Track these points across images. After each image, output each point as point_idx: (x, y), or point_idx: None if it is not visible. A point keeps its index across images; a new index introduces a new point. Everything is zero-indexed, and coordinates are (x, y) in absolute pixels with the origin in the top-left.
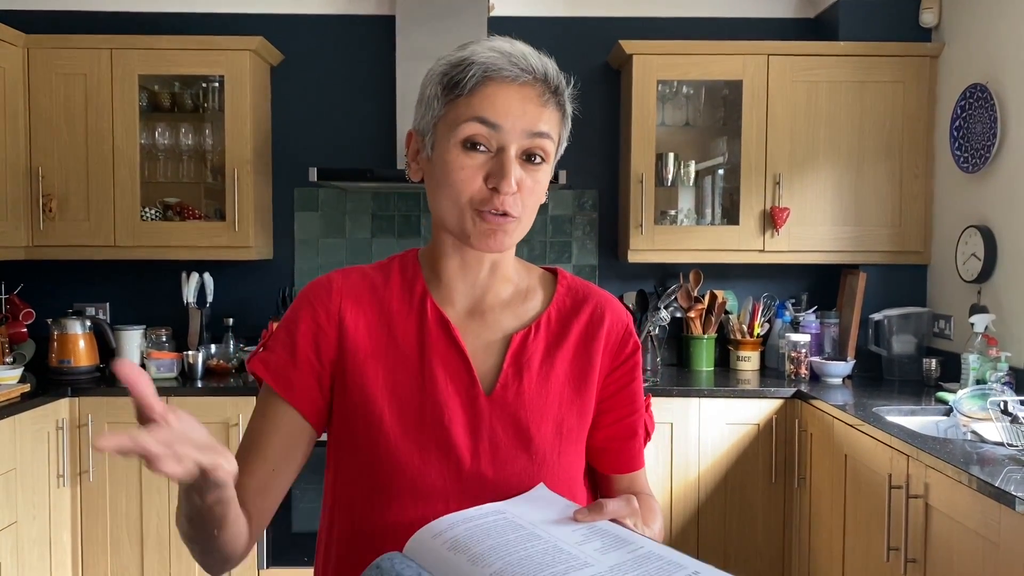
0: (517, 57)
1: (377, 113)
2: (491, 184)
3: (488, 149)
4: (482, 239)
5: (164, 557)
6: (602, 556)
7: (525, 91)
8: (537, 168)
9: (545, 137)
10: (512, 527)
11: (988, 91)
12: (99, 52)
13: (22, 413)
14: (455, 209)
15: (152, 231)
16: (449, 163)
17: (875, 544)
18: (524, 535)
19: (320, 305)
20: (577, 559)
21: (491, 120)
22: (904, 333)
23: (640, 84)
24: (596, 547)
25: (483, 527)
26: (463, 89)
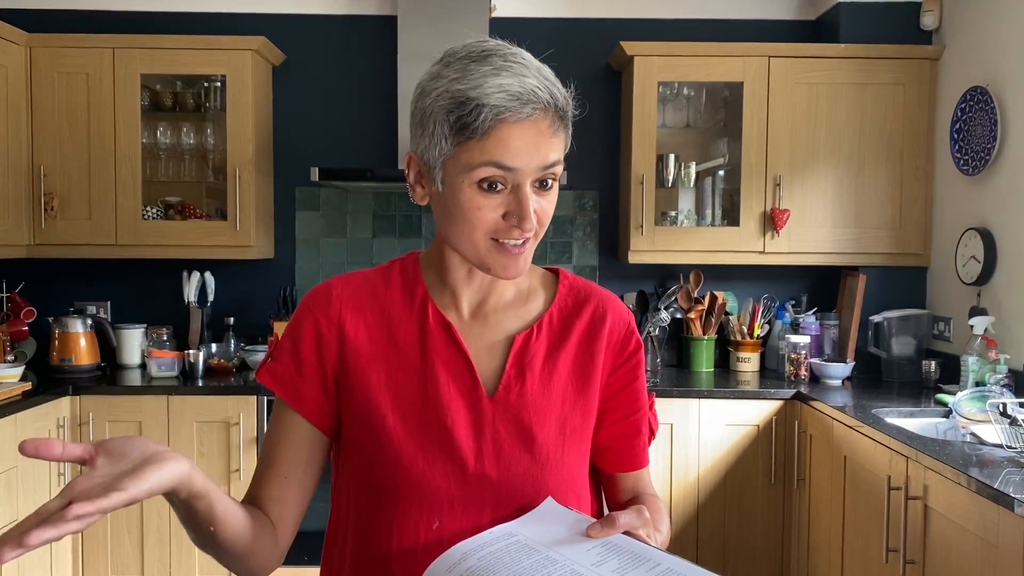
0: (527, 95)
1: (378, 113)
2: (511, 222)
3: (503, 187)
4: (502, 270)
5: (164, 554)
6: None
7: (537, 127)
8: (548, 192)
9: (556, 165)
10: (526, 551)
11: (988, 94)
12: (101, 51)
13: (23, 411)
14: (472, 243)
15: (153, 230)
16: (464, 203)
17: (874, 545)
18: (539, 560)
19: (321, 313)
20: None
21: (507, 164)
22: (904, 335)
23: (641, 85)
24: (613, 568)
25: (496, 554)
26: (475, 133)
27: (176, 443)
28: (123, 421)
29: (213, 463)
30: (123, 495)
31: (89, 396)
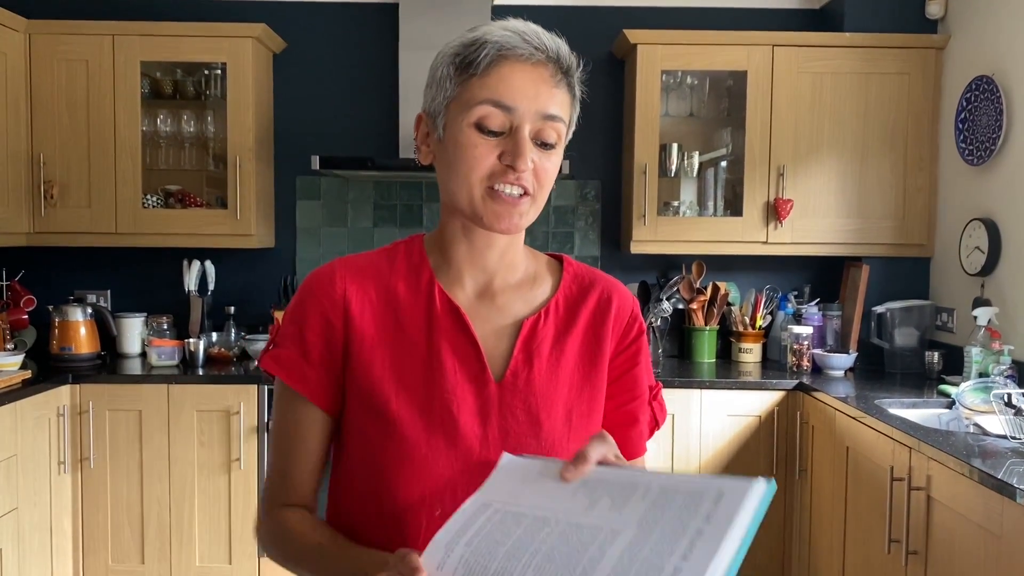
0: (531, 36)
1: (379, 102)
2: (506, 161)
3: (502, 130)
4: (495, 220)
5: (164, 544)
6: (621, 515)
7: (538, 71)
8: (549, 152)
9: (557, 120)
10: (511, 519)
11: (994, 83)
12: (101, 38)
13: (23, 400)
14: (467, 187)
15: (154, 218)
16: (462, 143)
17: (876, 536)
18: (530, 525)
19: (324, 295)
20: (602, 530)
21: (505, 103)
22: (907, 326)
23: (644, 74)
24: (608, 506)
25: (482, 534)
26: (476, 68)
27: (176, 432)
28: (123, 410)
29: (213, 452)
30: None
31: (89, 385)
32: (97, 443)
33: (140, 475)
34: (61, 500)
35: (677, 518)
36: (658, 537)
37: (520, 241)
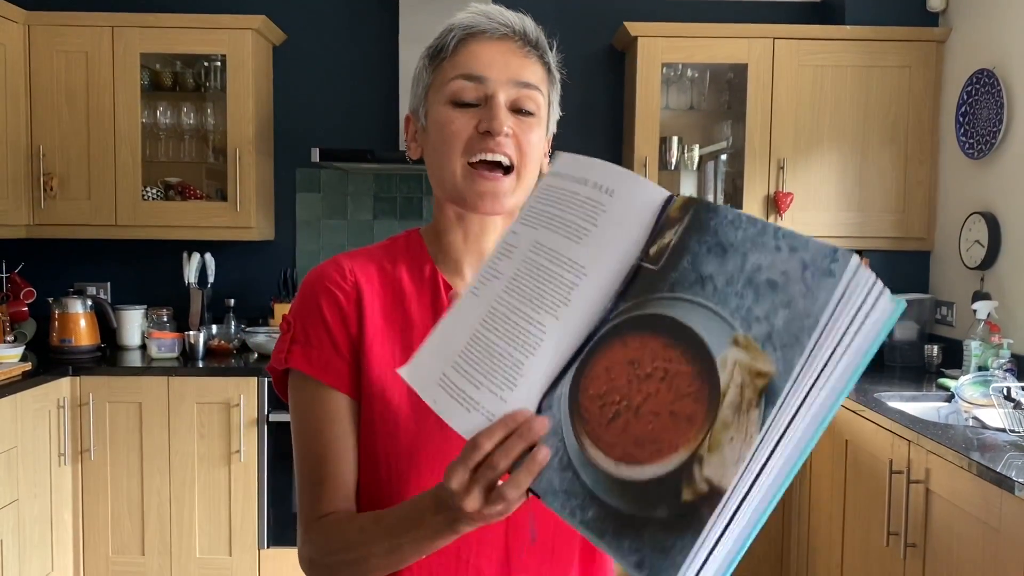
0: (494, 13)
1: (379, 94)
2: (483, 128)
3: (477, 103)
4: (478, 200)
5: (165, 535)
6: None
7: (506, 44)
8: (528, 121)
9: (532, 88)
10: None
11: (995, 77)
12: (100, 30)
13: (23, 392)
14: (449, 165)
15: (153, 211)
16: (440, 121)
17: (875, 529)
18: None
19: (337, 289)
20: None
21: (475, 73)
22: (906, 319)
23: (644, 67)
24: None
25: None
26: (446, 51)
27: (176, 424)
28: (123, 402)
29: (213, 444)
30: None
31: (89, 377)
32: (97, 435)
33: (140, 467)
34: (61, 492)
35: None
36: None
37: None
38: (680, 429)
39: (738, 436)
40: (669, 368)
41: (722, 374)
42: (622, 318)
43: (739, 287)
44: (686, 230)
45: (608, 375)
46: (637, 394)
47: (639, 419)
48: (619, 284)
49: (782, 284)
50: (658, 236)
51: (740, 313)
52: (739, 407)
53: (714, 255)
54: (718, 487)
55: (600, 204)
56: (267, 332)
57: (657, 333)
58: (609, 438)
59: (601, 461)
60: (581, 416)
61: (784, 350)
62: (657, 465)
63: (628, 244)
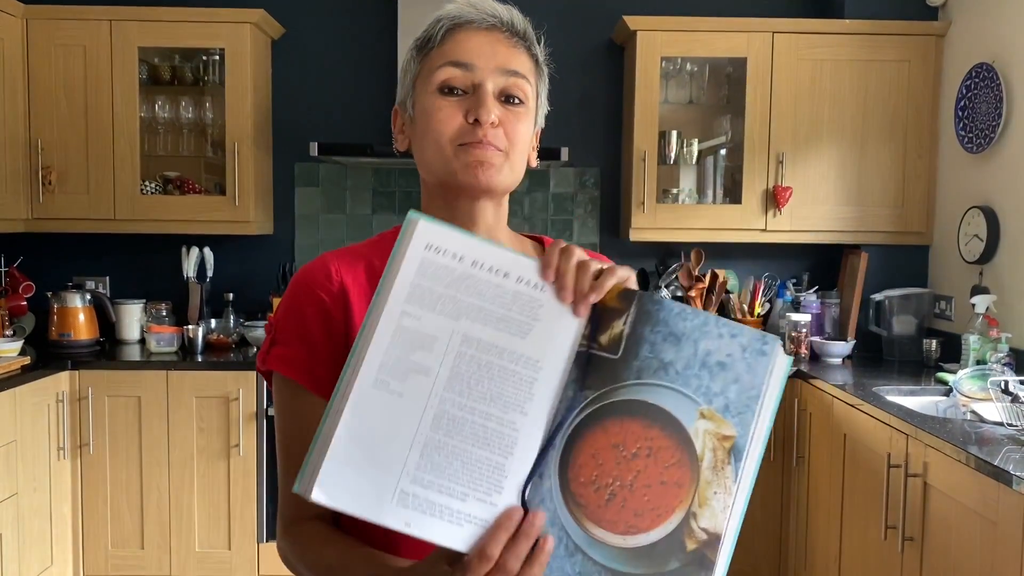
0: (481, 4)
1: (378, 88)
2: (471, 117)
3: (465, 91)
4: (468, 172)
5: (164, 529)
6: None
7: (493, 35)
8: (516, 109)
9: (520, 76)
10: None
11: (994, 71)
12: (98, 23)
13: (22, 386)
14: (438, 150)
15: (152, 205)
16: (428, 109)
17: (873, 523)
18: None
19: (321, 288)
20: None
21: (463, 61)
22: (905, 313)
23: (644, 61)
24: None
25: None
26: (434, 41)
27: (176, 418)
28: (122, 396)
29: (213, 438)
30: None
31: (88, 371)
32: (96, 429)
33: (139, 461)
34: (61, 486)
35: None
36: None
37: (503, 216)
38: (672, 494)
39: (720, 489)
40: (652, 445)
41: (696, 442)
42: (595, 406)
43: (696, 369)
44: (636, 321)
45: (596, 461)
46: (628, 473)
47: (634, 494)
48: (573, 372)
49: (729, 364)
50: (602, 324)
51: (701, 391)
52: (715, 467)
53: (670, 343)
54: (715, 533)
55: (536, 299)
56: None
57: (635, 416)
58: (610, 516)
59: (608, 538)
60: (577, 503)
61: (740, 416)
62: (660, 528)
63: (573, 334)
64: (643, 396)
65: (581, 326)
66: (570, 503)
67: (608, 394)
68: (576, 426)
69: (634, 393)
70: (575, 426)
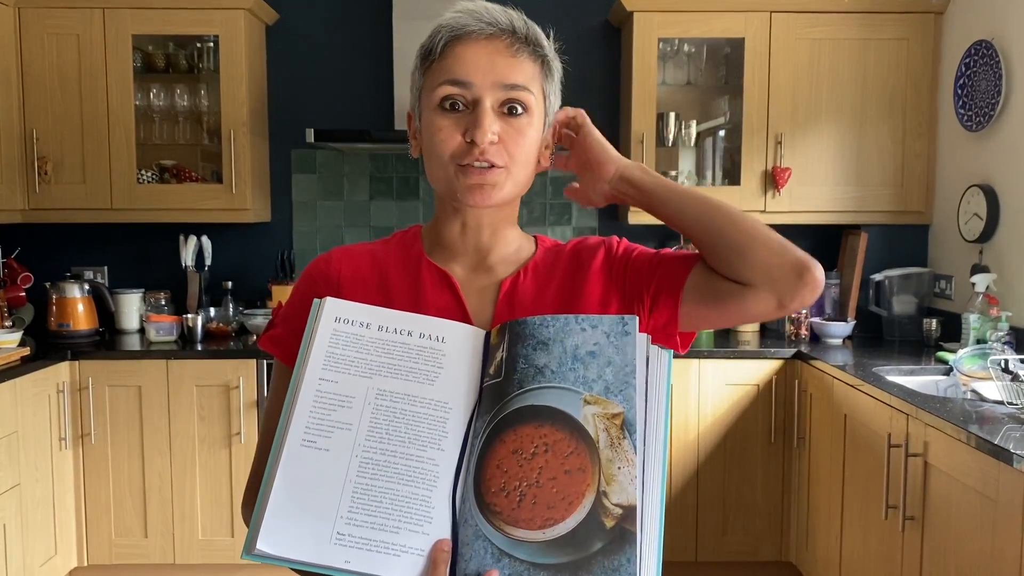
0: (480, 12)
1: (375, 74)
2: (468, 137)
3: (464, 107)
4: (469, 194)
5: (167, 518)
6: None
7: (493, 44)
8: (518, 121)
9: (520, 89)
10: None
11: (994, 48)
12: (91, 11)
13: (22, 376)
14: (441, 169)
15: (149, 194)
16: (430, 127)
17: (873, 502)
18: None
19: (319, 276)
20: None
21: (460, 79)
22: (905, 293)
23: (641, 42)
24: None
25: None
26: (434, 53)
27: (176, 407)
28: (123, 385)
29: (213, 427)
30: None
31: (88, 361)
32: (97, 419)
33: (141, 450)
34: (63, 476)
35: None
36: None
37: (513, 218)
38: (578, 480)
39: (623, 463)
40: (547, 441)
41: (588, 427)
42: (492, 424)
43: (570, 364)
44: (509, 344)
45: (501, 470)
46: (531, 472)
47: (542, 489)
48: (477, 405)
49: (598, 352)
50: (489, 358)
51: (579, 381)
52: (612, 444)
53: (540, 351)
54: (628, 505)
55: (438, 350)
56: (265, 314)
57: (525, 422)
58: (525, 516)
59: (528, 536)
60: (492, 511)
61: (622, 392)
62: (575, 515)
63: (473, 373)
64: (528, 401)
65: (476, 365)
66: (487, 514)
67: (500, 411)
68: (481, 447)
69: (520, 402)
70: (480, 447)
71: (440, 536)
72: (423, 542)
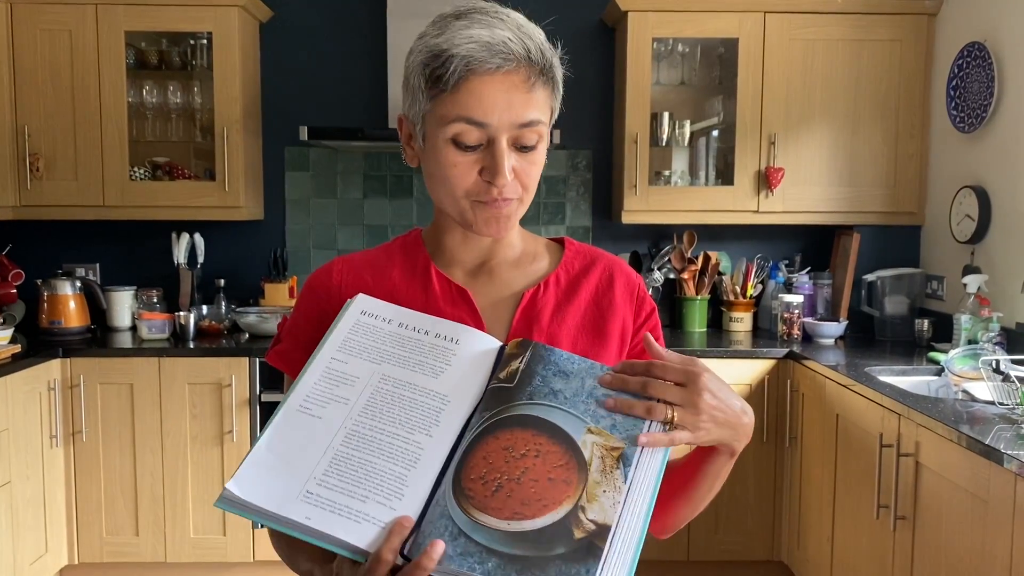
0: (497, 45)
1: (368, 71)
2: (486, 177)
3: (479, 143)
4: (485, 226)
5: (159, 515)
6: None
7: (510, 79)
8: (531, 154)
9: (535, 125)
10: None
11: (986, 50)
12: (84, 7)
13: (13, 374)
14: (454, 202)
15: (141, 191)
16: (442, 161)
17: (865, 502)
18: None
19: (322, 289)
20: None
21: (477, 119)
22: (897, 294)
23: (635, 42)
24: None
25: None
26: (446, 85)
27: (168, 405)
28: (114, 383)
29: (206, 425)
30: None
31: (80, 358)
32: (89, 416)
33: (133, 448)
34: (54, 473)
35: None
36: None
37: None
38: (560, 489)
39: (610, 488)
40: (540, 448)
41: (585, 451)
42: (490, 421)
43: (584, 398)
44: (531, 360)
45: (487, 461)
46: (516, 469)
47: (521, 486)
48: (476, 403)
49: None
50: (504, 365)
51: (588, 414)
52: (604, 470)
53: (559, 377)
54: (604, 524)
55: (449, 350)
56: (258, 312)
57: (525, 427)
58: (495, 504)
59: (491, 522)
60: (465, 495)
61: (628, 433)
62: (545, 517)
63: (480, 376)
64: (534, 412)
65: (484, 371)
66: (459, 496)
67: (502, 411)
68: (473, 439)
69: (526, 409)
70: (472, 439)
71: (407, 513)
72: (387, 515)
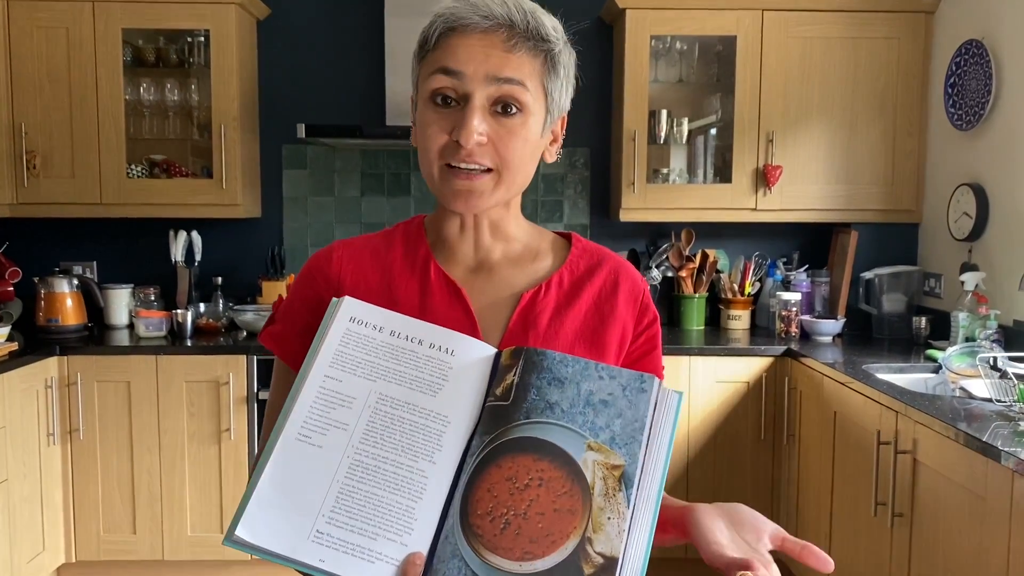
0: (478, 4)
1: (366, 69)
2: (454, 136)
3: (456, 101)
4: (454, 200)
5: (156, 514)
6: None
7: (489, 38)
8: (511, 121)
9: (514, 83)
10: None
11: (984, 47)
12: (80, 4)
13: (10, 372)
14: (428, 166)
15: (139, 189)
16: (421, 121)
17: (863, 499)
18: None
19: (319, 274)
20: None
21: (452, 68)
22: (894, 291)
23: (633, 39)
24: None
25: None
26: (429, 44)
27: (165, 403)
28: (112, 381)
29: (203, 423)
30: None
31: (77, 356)
32: (86, 414)
33: (130, 446)
34: (51, 471)
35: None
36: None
37: (513, 213)
38: (566, 521)
39: (614, 514)
40: (543, 476)
41: (587, 472)
42: (491, 447)
43: (580, 408)
44: (524, 371)
45: (491, 494)
46: (521, 503)
47: (528, 522)
48: (478, 423)
49: (612, 401)
50: (499, 379)
51: (587, 426)
52: (607, 494)
53: (554, 387)
54: (611, 557)
55: (445, 362)
56: (255, 310)
57: (525, 451)
58: (506, 544)
59: (504, 564)
60: (475, 534)
61: (627, 447)
62: (555, 555)
63: (477, 391)
64: (532, 433)
65: (482, 383)
66: (469, 535)
67: (501, 435)
68: (475, 467)
69: (524, 431)
70: (475, 467)
71: (417, 548)
72: (398, 552)
